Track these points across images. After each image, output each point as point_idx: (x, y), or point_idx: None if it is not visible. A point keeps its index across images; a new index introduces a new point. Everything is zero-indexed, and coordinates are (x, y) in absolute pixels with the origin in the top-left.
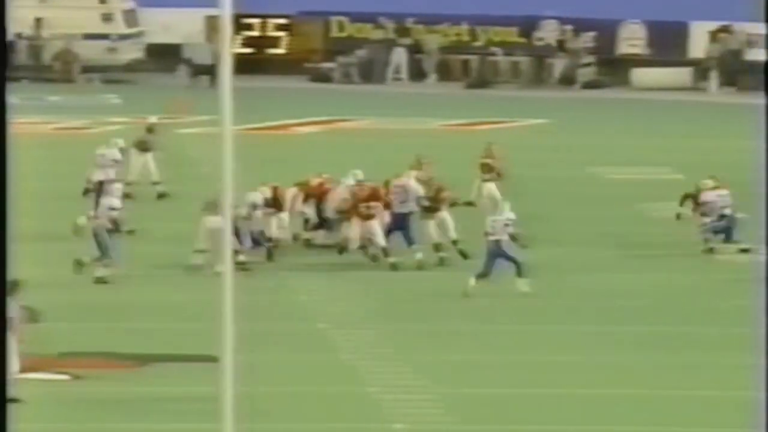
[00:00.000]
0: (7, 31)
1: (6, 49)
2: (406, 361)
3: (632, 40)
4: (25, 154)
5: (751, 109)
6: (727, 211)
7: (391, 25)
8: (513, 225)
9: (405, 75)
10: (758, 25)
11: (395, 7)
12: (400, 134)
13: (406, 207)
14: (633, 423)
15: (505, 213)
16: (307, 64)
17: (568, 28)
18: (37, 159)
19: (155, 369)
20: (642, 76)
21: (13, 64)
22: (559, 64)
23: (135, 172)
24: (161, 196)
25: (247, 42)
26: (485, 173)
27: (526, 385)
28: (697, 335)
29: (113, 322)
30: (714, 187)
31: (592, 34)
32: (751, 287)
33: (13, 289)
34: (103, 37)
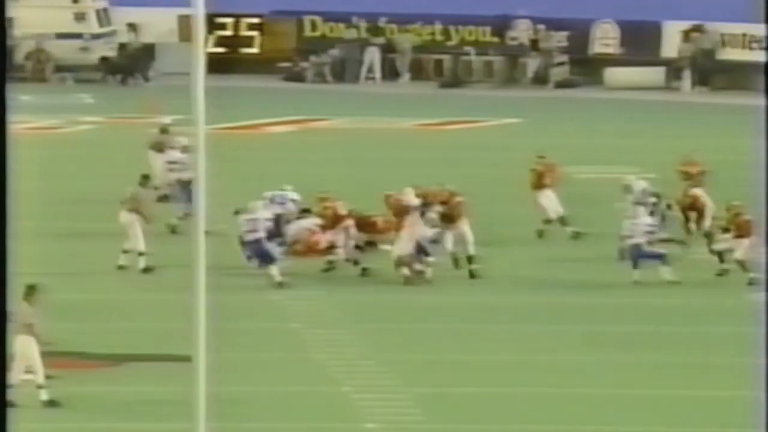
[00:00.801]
0: (7, 32)
1: (6, 49)
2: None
3: (605, 39)
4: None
5: (735, 109)
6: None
7: (364, 24)
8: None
9: (378, 74)
10: (733, 24)
11: (368, 6)
12: (374, 134)
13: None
14: (625, 423)
15: (644, 218)
16: (280, 63)
17: (542, 27)
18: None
19: (129, 369)
20: (615, 75)
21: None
22: (532, 64)
23: (157, 174)
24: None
25: (220, 41)
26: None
27: (505, 384)
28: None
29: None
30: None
31: (565, 33)
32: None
33: (30, 294)
34: (76, 36)
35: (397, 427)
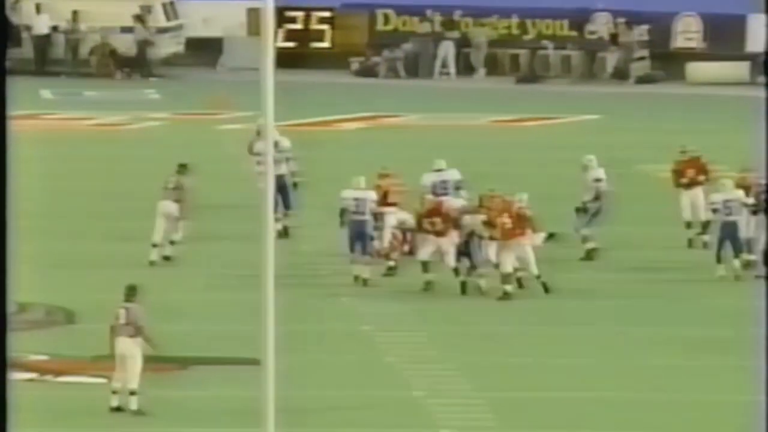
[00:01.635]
0: (7, 26)
1: (6, 48)
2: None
3: (688, 33)
4: (67, 151)
5: None
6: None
7: (438, 17)
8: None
9: (452, 69)
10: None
11: None
12: (448, 130)
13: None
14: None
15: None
16: (351, 58)
17: (621, 21)
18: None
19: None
20: (698, 70)
21: (49, 57)
22: (611, 59)
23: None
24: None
25: (290, 35)
26: None
27: (571, 388)
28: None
29: None
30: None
31: (645, 27)
32: None
33: (131, 294)
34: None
35: None
